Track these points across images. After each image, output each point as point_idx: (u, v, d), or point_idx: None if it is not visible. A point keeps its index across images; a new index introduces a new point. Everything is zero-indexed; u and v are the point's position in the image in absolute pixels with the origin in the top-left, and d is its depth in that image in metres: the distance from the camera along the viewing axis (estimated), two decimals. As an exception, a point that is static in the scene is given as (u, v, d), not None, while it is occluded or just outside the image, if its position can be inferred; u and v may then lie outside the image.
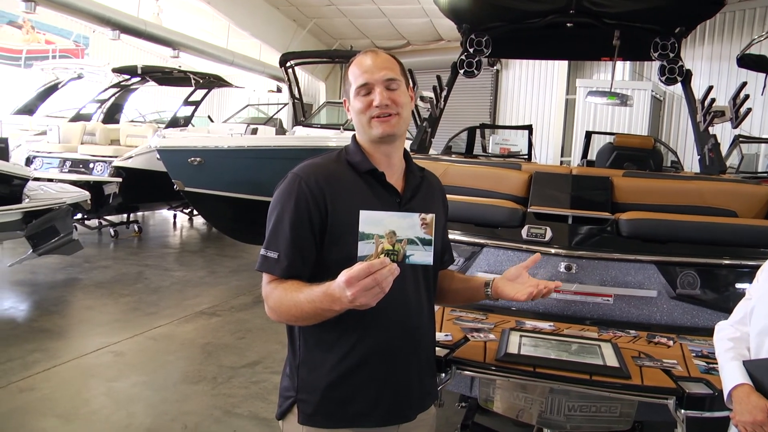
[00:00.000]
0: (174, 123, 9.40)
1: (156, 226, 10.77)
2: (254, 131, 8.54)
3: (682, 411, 1.91)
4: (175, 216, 11.23)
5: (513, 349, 2.13)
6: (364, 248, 1.26)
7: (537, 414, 2.18)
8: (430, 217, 1.30)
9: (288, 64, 8.54)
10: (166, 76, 10.26)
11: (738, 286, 2.62)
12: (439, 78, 4.61)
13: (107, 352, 4.35)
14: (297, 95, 8.90)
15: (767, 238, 2.67)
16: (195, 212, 11.07)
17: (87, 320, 5.20)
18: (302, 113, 9.13)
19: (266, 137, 8.07)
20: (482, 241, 2.79)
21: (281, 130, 9.35)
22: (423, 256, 1.29)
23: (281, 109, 10.98)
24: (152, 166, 7.87)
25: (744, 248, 2.66)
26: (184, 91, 10.22)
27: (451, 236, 2.74)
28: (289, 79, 8.69)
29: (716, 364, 2.14)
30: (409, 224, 1.28)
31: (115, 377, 3.91)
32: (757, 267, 2.58)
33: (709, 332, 2.50)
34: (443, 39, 14.22)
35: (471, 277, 1.88)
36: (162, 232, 10.36)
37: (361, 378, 1.52)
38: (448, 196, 2.95)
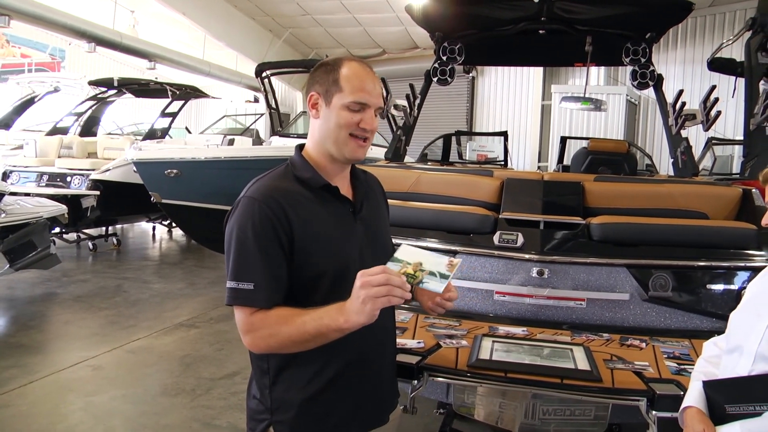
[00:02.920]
0: (151, 135, 9.34)
1: (135, 239, 10.68)
2: (231, 142, 8.53)
3: (654, 412, 1.93)
4: (154, 228, 11.15)
5: (485, 354, 2.15)
6: (391, 267, 1.37)
7: (511, 419, 2.19)
8: (457, 260, 1.46)
9: (264, 74, 8.56)
10: (142, 88, 10.21)
11: (709, 287, 2.67)
12: (412, 86, 4.64)
13: (85, 366, 4.29)
14: (274, 105, 8.91)
15: (737, 239, 2.72)
16: (173, 224, 11.03)
17: (65, 335, 5.14)
18: (279, 123, 9.14)
19: (243, 148, 8.06)
20: (455, 248, 2.80)
21: (258, 141, 9.34)
22: (436, 285, 1.40)
23: (258, 119, 10.96)
24: (130, 179, 7.81)
25: (715, 249, 2.69)
26: (161, 103, 10.17)
27: (425, 243, 2.78)
28: (265, 89, 8.70)
29: (688, 365, 2.19)
30: (438, 262, 1.43)
31: (93, 392, 3.87)
32: (729, 268, 2.66)
33: (681, 333, 2.57)
34: (419, 47, 14.30)
35: None
36: (141, 244, 10.27)
37: (337, 389, 1.51)
38: (420, 204, 2.99)
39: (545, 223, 2.86)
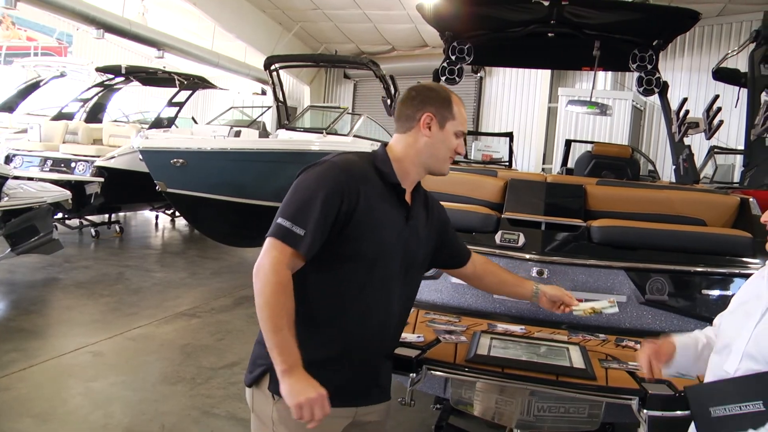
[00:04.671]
0: (157, 124, 9.39)
1: (138, 227, 10.73)
2: (237, 134, 8.55)
3: (645, 411, 1.98)
4: (157, 217, 11.20)
5: (483, 350, 2.19)
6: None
7: (508, 415, 2.23)
8: (614, 299, 2.17)
9: (273, 67, 8.57)
10: (150, 77, 10.23)
11: (704, 292, 2.71)
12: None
13: (86, 352, 4.34)
14: (281, 98, 8.94)
15: (733, 247, 2.76)
16: (177, 213, 11.08)
17: (66, 320, 5.18)
18: (286, 116, 9.16)
19: (249, 140, 8.08)
20: None
21: (264, 133, 9.37)
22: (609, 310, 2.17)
23: (265, 112, 10.99)
24: (135, 167, 7.85)
25: (711, 256, 2.74)
26: (168, 92, 10.21)
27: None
28: (273, 82, 8.72)
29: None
30: (604, 305, 2.17)
31: (93, 377, 3.91)
32: (724, 274, 2.70)
33: (673, 337, 2.61)
34: (428, 45, 14.33)
35: (520, 277, 2.26)
36: (144, 233, 10.33)
37: (337, 362, 1.63)
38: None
39: (547, 224, 2.91)
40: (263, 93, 15.61)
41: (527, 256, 2.76)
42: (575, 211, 3.03)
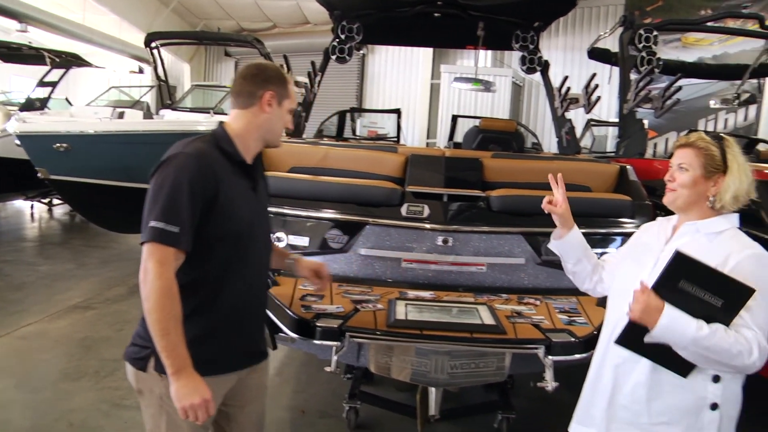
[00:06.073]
0: (29, 106, 8.64)
1: (9, 219, 9.91)
2: (121, 115, 8.10)
3: (550, 357, 2.21)
4: (32, 207, 10.40)
5: (401, 315, 2.33)
6: None
7: (421, 374, 2.38)
8: None
9: (154, 44, 8.14)
10: (13, 53, 9.30)
11: (594, 250, 3.01)
12: (313, 63, 4.71)
13: (-31, 355, 4.04)
14: (163, 77, 8.54)
15: (616, 209, 3.10)
16: (55, 202, 10.35)
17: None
18: (168, 96, 8.79)
19: (136, 121, 7.70)
20: (365, 219, 2.97)
21: (149, 114, 8.94)
22: None
23: (148, 91, 10.46)
24: (4, 153, 7.24)
25: (598, 218, 3.06)
26: (35, 71, 9.39)
27: (335, 216, 2.94)
28: (154, 60, 8.30)
29: (577, 317, 2.51)
30: None
31: (-19, 383, 3.64)
32: (609, 233, 3.02)
33: (569, 292, 2.88)
34: (310, 22, 14.19)
35: (284, 251, 2.29)
36: (17, 224, 9.56)
37: (217, 335, 1.74)
38: (331, 178, 3.16)
39: (448, 196, 3.08)
40: (141, 71, 14.76)
41: (432, 227, 2.93)
42: (474, 183, 3.23)
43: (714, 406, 1.64)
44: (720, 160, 1.69)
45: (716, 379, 1.64)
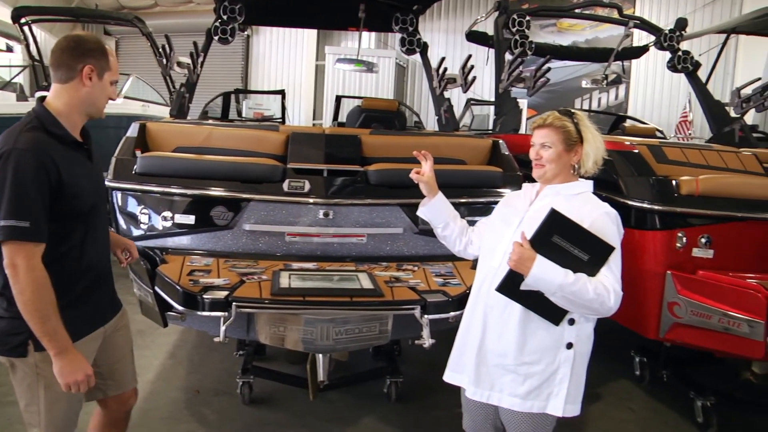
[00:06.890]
0: None
1: None
2: (-8, 97, 7.38)
3: (426, 317, 2.37)
4: None
5: (284, 284, 2.41)
6: None
7: (308, 341, 2.47)
8: None
9: (23, 20, 7.48)
10: None
11: (468, 219, 3.22)
12: (195, 44, 4.60)
13: None
14: (37, 57, 7.90)
15: (489, 180, 3.34)
16: None
17: None
18: (45, 77, 8.16)
19: (13, 104, 7.04)
20: (248, 196, 3.01)
21: (22, 96, 8.23)
22: None
23: (21, 72, 9.60)
24: None
25: (472, 188, 3.28)
26: None
27: (219, 193, 2.95)
28: (25, 38, 7.64)
29: (451, 279, 2.70)
30: None
31: None
32: (482, 202, 3.24)
33: (444, 258, 3.07)
34: (193, 1, 13.68)
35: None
36: None
37: (80, 300, 1.85)
38: (214, 157, 3.16)
39: (328, 171, 3.17)
40: (9, 50, 13.51)
41: (313, 201, 3.01)
42: (353, 159, 3.33)
43: (569, 345, 1.87)
44: (575, 133, 1.91)
45: (571, 321, 1.86)
